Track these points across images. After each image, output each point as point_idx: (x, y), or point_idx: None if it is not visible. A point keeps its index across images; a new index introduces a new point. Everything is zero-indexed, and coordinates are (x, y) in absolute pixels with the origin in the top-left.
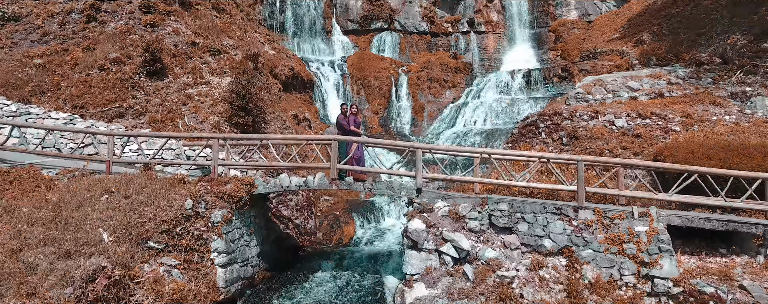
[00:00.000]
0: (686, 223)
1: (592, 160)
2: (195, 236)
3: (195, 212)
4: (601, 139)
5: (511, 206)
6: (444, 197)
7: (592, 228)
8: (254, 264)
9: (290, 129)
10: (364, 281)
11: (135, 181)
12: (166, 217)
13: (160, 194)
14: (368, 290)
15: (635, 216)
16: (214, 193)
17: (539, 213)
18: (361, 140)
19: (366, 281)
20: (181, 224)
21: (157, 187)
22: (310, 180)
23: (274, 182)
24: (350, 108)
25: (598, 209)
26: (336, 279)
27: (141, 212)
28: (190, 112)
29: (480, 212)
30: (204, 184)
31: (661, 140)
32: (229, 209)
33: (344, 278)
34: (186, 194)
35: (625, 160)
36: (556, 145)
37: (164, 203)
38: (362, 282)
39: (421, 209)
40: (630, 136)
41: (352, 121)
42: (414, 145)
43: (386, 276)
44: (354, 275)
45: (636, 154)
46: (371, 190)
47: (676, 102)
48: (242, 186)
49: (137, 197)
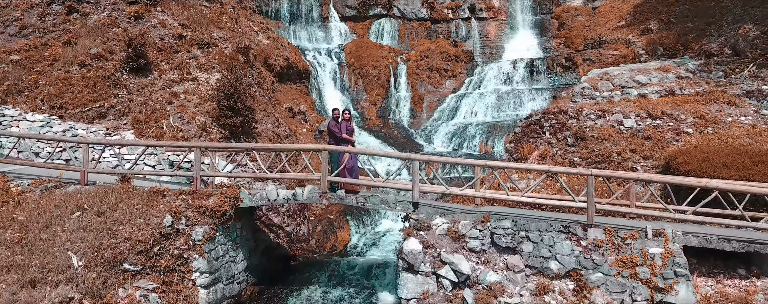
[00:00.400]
0: (704, 244)
1: (604, 174)
2: (175, 255)
3: (175, 230)
4: (609, 140)
5: (514, 223)
6: (442, 212)
7: (602, 249)
8: (241, 280)
9: (283, 127)
10: (358, 298)
11: (110, 195)
12: (142, 236)
13: (136, 211)
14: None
15: (649, 236)
16: (196, 208)
17: (545, 231)
18: (355, 151)
19: (359, 299)
20: (160, 243)
21: (133, 202)
22: (299, 193)
23: (261, 194)
24: (343, 114)
25: (609, 228)
26: (327, 294)
27: (115, 232)
28: (175, 112)
29: (481, 230)
30: (185, 197)
31: (672, 143)
32: (212, 225)
33: (336, 293)
34: (165, 209)
35: (638, 174)
36: (561, 145)
37: (141, 221)
38: (355, 300)
39: (418, 225)
40: (640, 138)
41: (345, 128)
42: (411, 156)
43: (380, 292)
44: (347, 289)
45: (646, 157)
46: (365, 204)
47: (688, 101)
48: (226, 199)
49: (112, 214)
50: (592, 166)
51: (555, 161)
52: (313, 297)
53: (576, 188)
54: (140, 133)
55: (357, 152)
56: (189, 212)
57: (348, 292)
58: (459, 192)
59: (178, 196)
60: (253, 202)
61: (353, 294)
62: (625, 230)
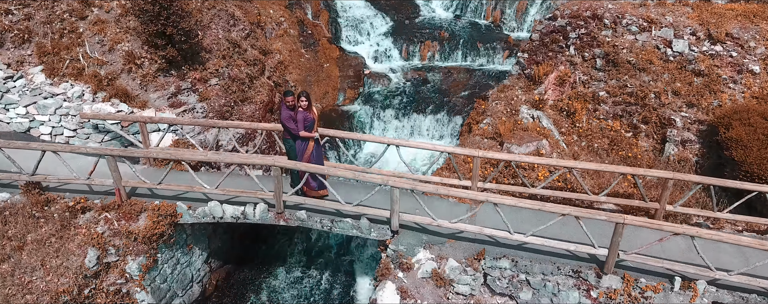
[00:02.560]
0: (739, 302)
1: (637, 172)
2: (111, 291)
3: (104, 264)
4: (648, 71)
5: (514, 263)
6: (427, 244)
7: (614, 301)
8: (201, 277)
9: (241, 24)
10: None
11: (12, 223)
12: (64, 286)
13: (50, 248)
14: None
15: (675, 288)
16: (124, 234)
17: (550, 275)
18: (315, 169)
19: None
20: (89, 285)
21: (44, 233)
22: (250, 212)
23: (203, 210)
24: (299, 100)
25: (629, 276)
26: (301, 281)
27: (28, 285)
28: (91, 34)
29: (473, 273)
30: (109, 216)
31: (728, 86)
32: (148, 253)
33: (310, 279)
34: (85, 241)
35: (669, 174)
36: (587, 68)
37: (58, 263)
38: (334, 284)
39: (397, 261)
40: (688, 73)
41: (302, 121)
42: (389, 181)
43: (359, 277)
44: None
45: (690, 105)
46: (331, 228)
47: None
48: (160, 218)
49: (19, 257)
50: (621, 107)
51: (575, 91)
52: (283, 280)
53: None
54: (51, 69)
55: (317, 172)
56: (116, 240)
57: (322, 275)
58: (450, 225)
59: (101, 213)
60: (195, 219)
61: (329, 278)
62: (648, 276)
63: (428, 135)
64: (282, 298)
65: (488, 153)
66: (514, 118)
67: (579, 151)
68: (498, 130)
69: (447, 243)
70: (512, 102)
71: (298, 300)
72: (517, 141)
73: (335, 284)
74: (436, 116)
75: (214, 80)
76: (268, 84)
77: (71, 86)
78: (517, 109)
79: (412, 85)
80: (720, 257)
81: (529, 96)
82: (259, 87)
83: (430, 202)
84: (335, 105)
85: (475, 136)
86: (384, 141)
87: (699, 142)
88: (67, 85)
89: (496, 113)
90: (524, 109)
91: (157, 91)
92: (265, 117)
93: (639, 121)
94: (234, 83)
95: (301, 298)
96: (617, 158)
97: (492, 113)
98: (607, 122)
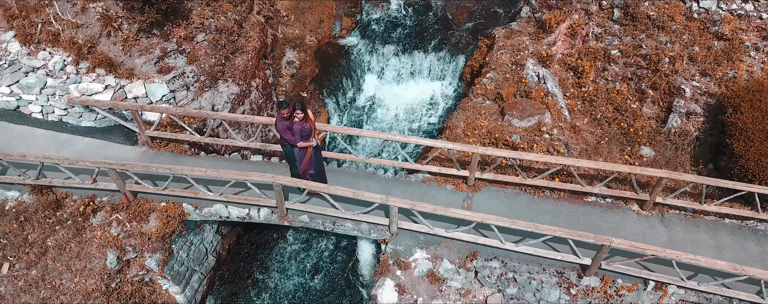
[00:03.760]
0: (703, 302)
1: (633, 170)
2: (135, 281)
3: (124, 261)
4: (666, 30)
5: (504, 264)
6: (423, 245)
7: (591, 298)
8: (214, 247)
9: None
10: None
11: (28, 227)
12: (92, 286)
13: (71, 252)
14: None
15: (648, 289)
16: (138, 235)
17: (535, 274)
18: (314, 186)
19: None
20: (115, 280)
21: (62, 237)
22: (255, 215)
23: (209, 210)
24: (294, 113)
25: (607, 278)
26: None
27: (59, 287)
28: None
29: (466, 274)
30: (120, 217)
31: (749, 55)
32: (163, 249)
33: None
34: (103, 243)
35: (663, 173)
36: (602, 20)
37: (82, 265)
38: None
39: (395, 259)
40: (710, 35)
41: (299, 132)
42: (387, 200)
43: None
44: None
45: (705, 74)
46: (334, 228)
47: None
48: (169, 219)
49: (45, 263)
50: (631, 69)
51: (586, 46)
52: (293, 241)
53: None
54: (24, 36)
55: (315, 188)
56: (132, 240)
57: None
58: (446, 234)
59: (111, 214)
60: (202, 218)
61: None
62: (625, 278)
63: (430, 75)
64: (291, 256)
65: (487, 150)
66: (519, 75)
67: (581, 121)
68: (500, 90)
69: (442, 243)
70: (519, 54)
71: (307, 256)
72: (518, 113)
73: (341, 241)
74: (438, 54)
75: (201, 36)
76: (259, 22)
77: (50, 55)
78: (522, 63)
79: (415, 13)
80: (695, 254)
81: (537, 47)
82: (249, 31)
83: (428, 190)
84: (331, 37)
85: (476, 97)
86: (382, 137)
87: (704, 116)
88: (45, 53)
89: (501, 66)
90: (530, 65)
91: (142, 56)
92: (259, 66)
93: (648, 86)
94: (222, 35)
95: (311, 255)
96: (618, 131)
97: (496, 66)
98: (614, 85)
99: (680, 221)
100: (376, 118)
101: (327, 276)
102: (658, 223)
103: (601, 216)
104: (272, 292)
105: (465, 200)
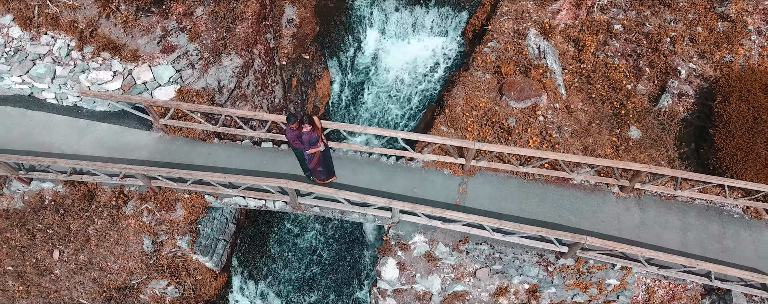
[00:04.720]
0: (659, 277)
1: (617, 164)
2: (170, 256)
3: (158, 243)
4: (672, 8)
5: (492, 247)
6: (421, 230)
7: (565, 274)
8: (234, 216)
9: None
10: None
11: (67, 218)
12: (133, 266)
13: (111, 238)
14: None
15: (616, 268)
16: (168, 222)
17: (519, 255)
18: (324, 191)
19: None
20: (151, 258)
21: (101, 226)
22: (270, 205)
23: (228, 201)
24: (302, 127)
25: (581, 259)
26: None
27: (104, 267)
28: None
29: (458, 255)
30: (149, 207)
31: (749, 38)
32: (191, 232)
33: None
34: (138, 230)
35: (647, 167)
36: None
37: (122, 249)
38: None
39: (397, 242)
40: (714, 16)
41: (307, 141)
42: (390, 204)
43: None
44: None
45: (702, 56)
46: (342, 216)
47: None
48: (194, 208)
49: (90, 249)
50: (632, 46)
51: (590, 17)
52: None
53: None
54: (24, 19)
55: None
56: (162, 226)
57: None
58: (442, 226)
59: (141, 204)
60: (223, 206)
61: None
62: (596, 262)
63: (432, 31)
64: (305, 221)
65: (484, 145)
66: (520, 45)
67: (576, 98)
68: (500, 64)
69: (439, 230)
70: (522, 23)
71: (321, 224)
72: (516, 94)
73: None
74: (440, 10)
75: (200, 9)
76: None
77: (53, 40)
78: (524, 34)
79: None
80: (662, 235)
81: (540, 14)
82: None
83: (427, 175)
84: None
85: (477, 70)
86: (385, 134)
87: (695, 98)
88: (47, 38)
89: (503, 34)
90: (532, 36)
91: (144, 36)
92: (259, 31)
93: (646, 64)
94: (220, 5)
95: (325, 223)
96: (610, 111)
97: (498, 34)
98: (613, 61)
99: (654, 203)
100: (378, 81)
101: (338, 242)
102: (633, 205)
103: (583, 200)
104: (286, 251)
105: (461, 184)
